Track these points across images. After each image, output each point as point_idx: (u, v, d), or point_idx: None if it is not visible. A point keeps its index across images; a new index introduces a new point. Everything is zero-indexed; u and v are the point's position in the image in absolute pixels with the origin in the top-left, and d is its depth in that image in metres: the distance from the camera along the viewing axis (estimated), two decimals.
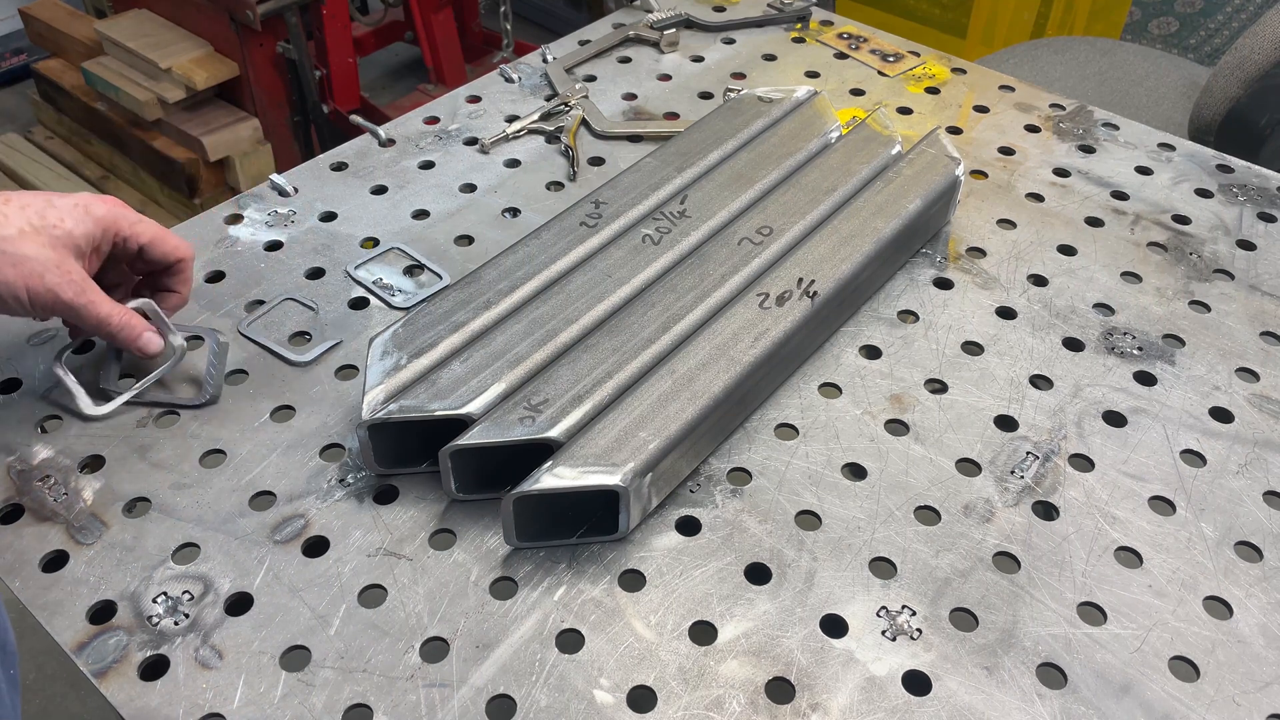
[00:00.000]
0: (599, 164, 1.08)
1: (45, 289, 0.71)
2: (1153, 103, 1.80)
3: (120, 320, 0.76)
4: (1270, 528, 0.74)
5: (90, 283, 0.74)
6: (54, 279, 0.71)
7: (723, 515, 0.75)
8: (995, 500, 0.76)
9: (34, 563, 0.71)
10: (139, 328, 0.78)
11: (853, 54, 1.26)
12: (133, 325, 0.77)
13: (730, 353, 0.77)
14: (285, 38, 2.36)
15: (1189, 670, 0.66)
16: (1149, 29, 2.97)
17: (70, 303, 0.72)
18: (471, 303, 0.82)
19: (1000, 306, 0.92)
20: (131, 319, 0.77)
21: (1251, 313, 0.92)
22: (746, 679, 0.65)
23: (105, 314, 0.75)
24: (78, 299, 0.73)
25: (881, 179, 0.93)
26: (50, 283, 0.71)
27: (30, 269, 0.70)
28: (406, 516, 0.74)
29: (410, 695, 0.64)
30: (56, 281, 0.71)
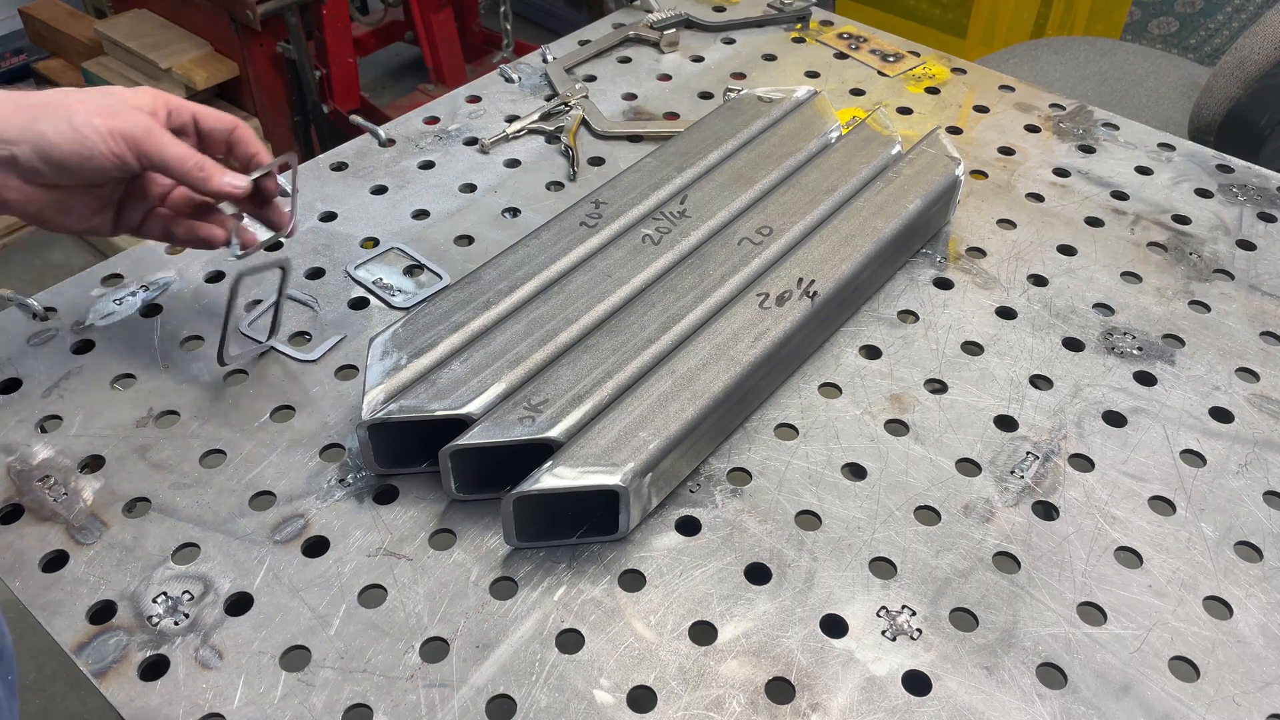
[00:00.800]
0: (599, 164, 1.08)
1: (123, 126, 0.72)
2: (1153, 103, 1.80)
3: (200, 161, 0.76)
4: (1270, 528, 0.74)
5: (158, 126, 0.74)
6: (128, 117, 0.72)
7: (723, 515, 0.74)
8: (995, 500, 0.76)
9: (34, 563, 0.71)
10: (215, 166, 0.77)
11: (853, 54, 1.26)
12: (204, 163, 0.76)
13: (730, 353, 0.77)
14: (285, 38, 2.36)
15: (1189, 670, 0.66)
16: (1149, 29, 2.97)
17: (144, 139, 0.73)
18: (471, 303, 0.82)
19: (1000, 306, 0.92)
20: (208, 160, 0.76)
21: (1251, 313, 0.92)
22: (746, 679, 0.65)
23: (183, 151, 0.75)
24: (151, 137, 0.73)
25: (881, 179, 0.93)
26: (125, 121, 0.72)
27: (104, 110, 0.71)
28: (406, 516, 0.74)
29: (410, 695, 0.64)
30: (130, 120, 0.72)
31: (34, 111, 0.70)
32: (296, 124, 2.54)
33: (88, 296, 0.91)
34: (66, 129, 0.71)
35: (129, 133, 0.72)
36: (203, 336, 0.88)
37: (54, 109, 0.71)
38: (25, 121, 0.70)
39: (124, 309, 0.90)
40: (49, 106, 0.71)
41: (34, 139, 0.70)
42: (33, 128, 0.70)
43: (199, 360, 0.85)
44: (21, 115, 0.70)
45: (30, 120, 0.70)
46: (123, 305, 0.90)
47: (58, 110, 0.71)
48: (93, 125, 0.71)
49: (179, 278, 0.93)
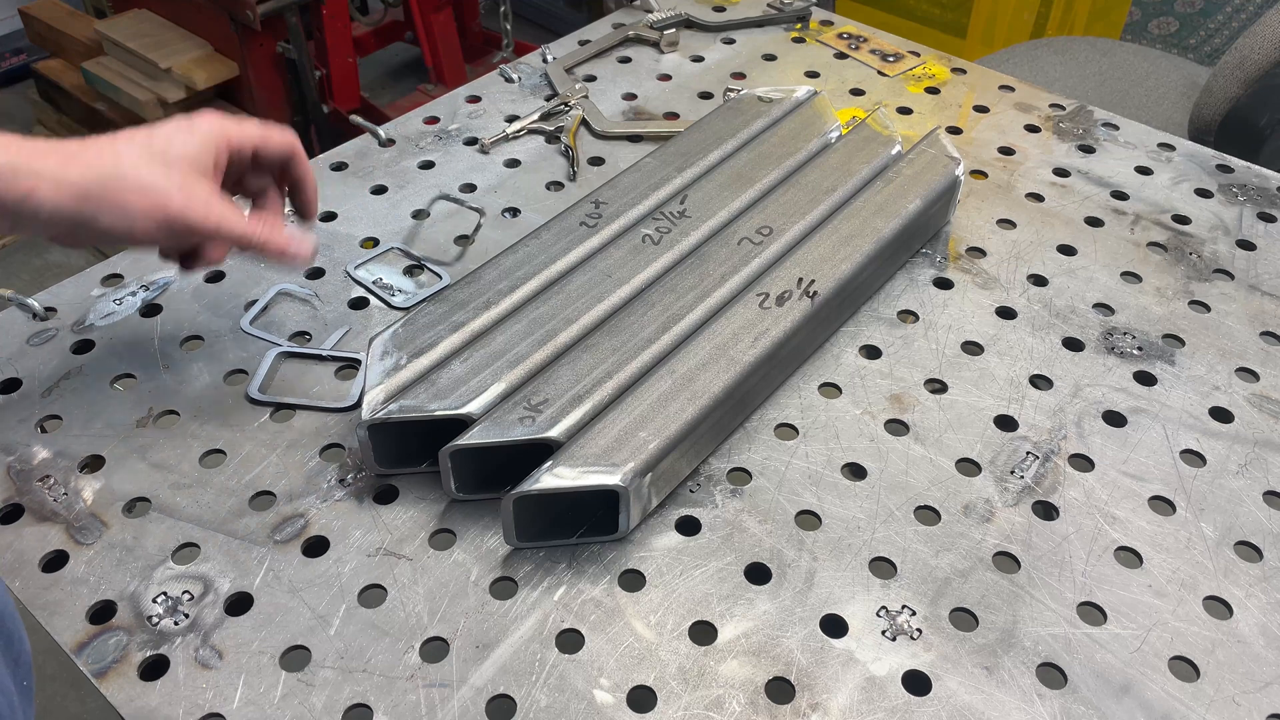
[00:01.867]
0: (599, 164, 1.08)
1: (175, 213, 0.69)
2: (1153, 103, 1.80)
3: (261, 232, 0.74)
4: (1270, 528, 0.74)
5: (218, 198, 0.71)
6: (180, 201, 0.69)
7: (723, 515, 0.74)
8: (995, 500, 0.76)
9: (34, 563, 0.71)
10: (281, 234, 0.75)
11: (853, 54, 1.26)
12: (275, 233, 0.75)
13: (730, 353, 0.77)
14: (285, 38, 2.36)
15: (1189, 670, 0.66)
16: (1149, 29, 2.97)
17: (200, 224, 0.70)
18: (471, 303, 0.82)
19: (1000, 306, 0.92)
20: (272, 227, 0.74)
21: (1251, 313, 0.92)
22: (746, 679, 0.65)
23: (243, 229, 0.73)
24: (208, 218, 0.70)
25: (881, 179, 0.93)
26: (178, 205, 0.69)
27: (156, 197, 0.68)
28: (406, 516, 0.74)
29: (410, 695, 0.64)
30: (183, 203, 0.69)
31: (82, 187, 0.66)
32: (296, 124, 2.54)
33: (88, 296, 0.91)
34: (112, 217, 0.68)
35: (175, 218, 0.69)
36: (203, 336, 0.88)
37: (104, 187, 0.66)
38: (73, 203, 0.66)
39: (124, 309, 0.90)
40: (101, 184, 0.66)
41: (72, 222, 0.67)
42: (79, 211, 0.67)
43: (199, 360, 0.85)
44: (65, 195, 0.66)
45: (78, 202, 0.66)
46: (123, 305, 0.90)
47: (106, 190, 0.67)
48: (146, 221, 0.68)
49: (179, 278, 0.93)
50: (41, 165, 0.65)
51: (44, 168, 0.65)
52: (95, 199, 0.66)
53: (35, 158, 0.65)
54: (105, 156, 0.67)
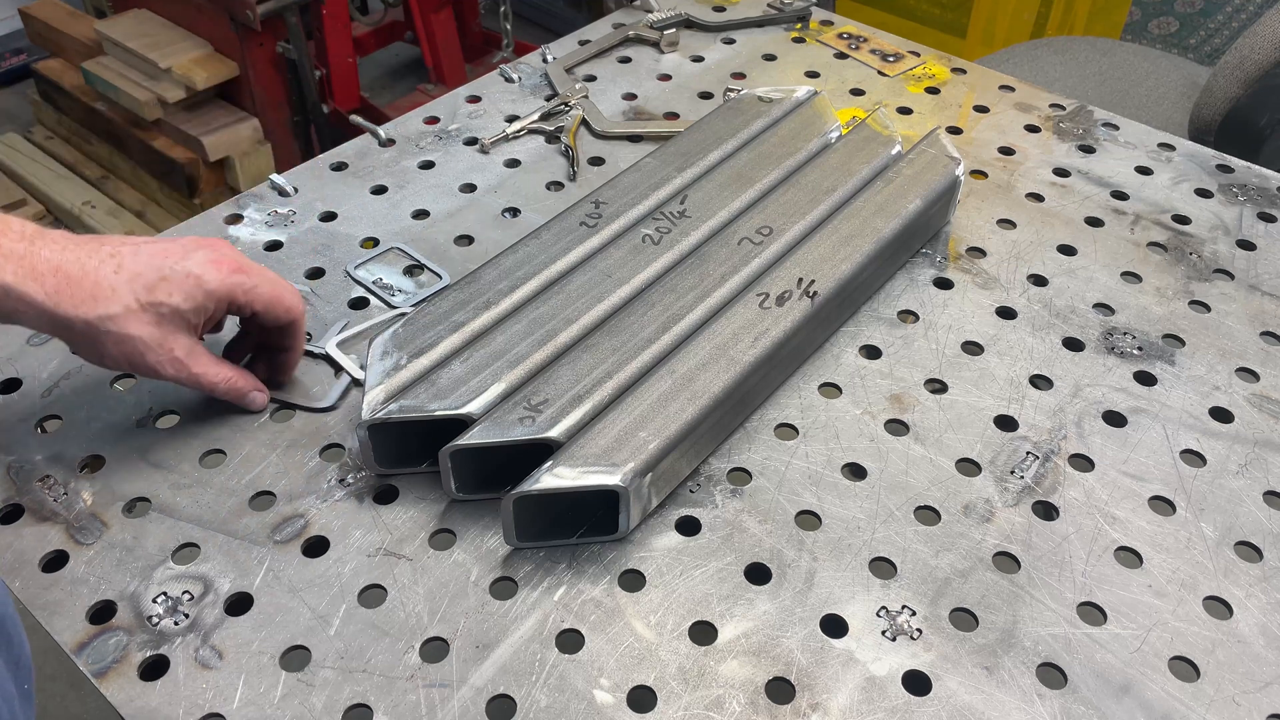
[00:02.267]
0: (599, 164, 1.08)
1: (146, 366, 0.73)
2: (1153, 103, 1.80)
3: (226, 385, 0.78)
4: (1270, 528, 0.74)
5: (194, 352, 0.75)
6: (154, 358, 0.72)
7: (723, 515, 0.74)
8: (995, 500, 0.76)
9: (34, 563, 0.71)
10: (245, 388, 0.79)
11: (853, 54, 1.26)
12: (238, 388, 0.79)
13: (730, 353, 0.77)
14: (285, 38, 2.36)
15: (1189, 670, 0.66)
16: (1149, 29, 2.97)
17: (171, 377, 0.75)
18: (471, 303, 0.82)
19: (1000, 306, 0.92)
20: (236, 382, 0.78)
21: (1251, 313, 0.92)
22: (746, 679, 0.65)
23: (210, 383, 0.77)
24: (178, 374, 0.75)
25: (881, 179, 0.93)
26: (151, 361, 0.73)
27: (132, 348, 0.71)
28: (406, 516, 0.74)
29: (410, 695, 0.64)
30: (156, 360, 0.73)
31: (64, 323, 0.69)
32: (296, 124, 2.54)
33: None
34: (85, 350, 0.72)
35: (146, 369, 0.73)
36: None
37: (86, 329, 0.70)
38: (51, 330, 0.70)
39: None
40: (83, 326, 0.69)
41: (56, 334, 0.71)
42: (56, 334, 0.71)
43: None
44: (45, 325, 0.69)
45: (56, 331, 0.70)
46: None
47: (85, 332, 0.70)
48: (118, 364, 0.73)
49: None
50: (31, 290, 0.67)
51: (33, 294, 0.67)
52: (75, 334, 0.70)
53: (30, 279, 0.67)
54: (101, 295, 0.69)
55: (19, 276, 0.67)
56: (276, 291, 0.77)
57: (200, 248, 0.74)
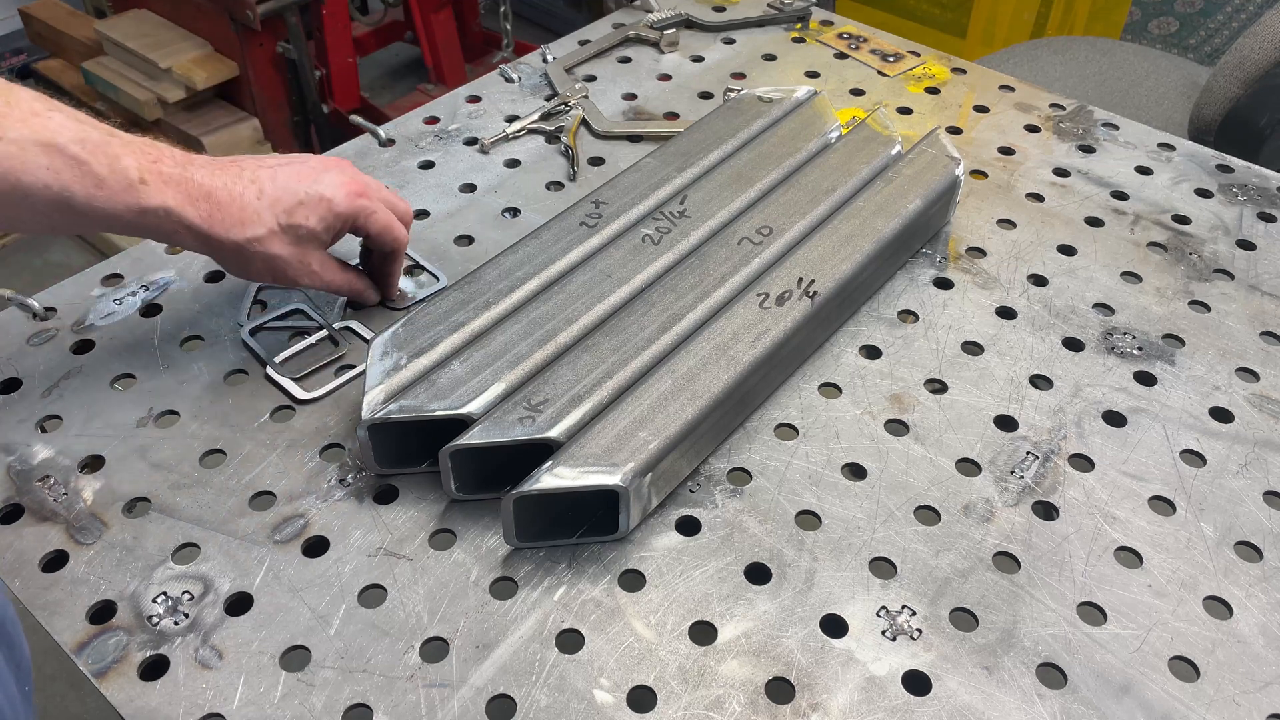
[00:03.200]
0: (599, 164, 1.08)
1: (288, 278, 0.82)
2: (1153, 103, 1.80)
3: (349, 286, 0.88)
4: (1270, 528, 0.74)
5: (326, 263, 0.84)
6: (293, 272, 0.82)
7: (723, 515, 0.74)
8: (995, 500, 0.76)
9: (34, 563, 0.71)
10: (361, 287, 0.89)
11: (853, 54, 1.26)
12: (356, 287, 0.89)
13: (730, 353, 0.77)
14: (285, 38, 2.36)
15: (1189, 670, 0.66)
16: (1149, 29, 2.97)
17: (306, 284, 0.84)
18: (471, 303, 0.82)
19: (1000, 306, 0.92)
20: (355, 283, 0.88)
21: (1251, 313, 0.92)
22: (746, 679, 0.65)
23: (337, 285, 0.86)
24: (312, 282, 0.84)
25: (881, 179, 0.93)
26: (291, 274, 0.82)
27: (276, 265, 0.80)
28: (406, 516, 0.74)
29: (410, 695, 0.64)
30: (295, 273, 0.82)
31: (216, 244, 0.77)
32: (296, 124, 2.54)
33: (88, 296, 0.91)
34: (234, 266, 0.81)
35: (287, 280, 0.82)
36: (202, 336, 0.88)
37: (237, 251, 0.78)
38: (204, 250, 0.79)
39: (124, 309, 0.90)
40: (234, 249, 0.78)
41: (208, 253, 0.79)
42: (207, 253, 0.79)
43: (199, 360, 0.85)
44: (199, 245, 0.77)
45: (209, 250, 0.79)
46: (123, 305, 0.90)
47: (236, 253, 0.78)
48: (264, 277, 0.82)
49: (179, 278, 0.93)
50: (190, 215, 0.75)
51: (191, 218, 0.75)
52: (226, 252, 0.79)
53: (188, 204, 0.75)
54: (248, 219, 0.77)
55: (179, 201, 0.74)
56: (389, 221, 0.86)
57: (329, 169, 0.83)
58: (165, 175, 0.73)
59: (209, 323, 0.89)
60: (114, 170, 0.70)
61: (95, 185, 0.70)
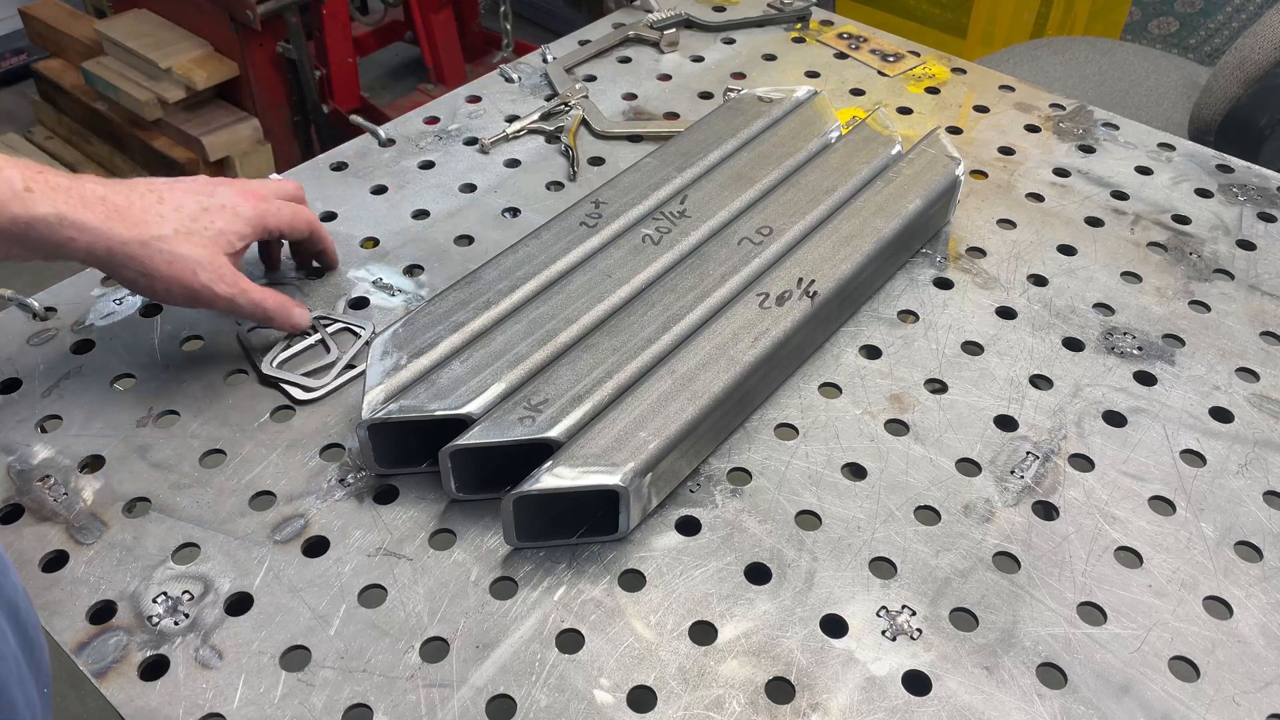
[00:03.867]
0: (599, 164, 1.08)
1: (200, 284, 0.77)
2: (1153, 103, 1.80)
3: (273, 303, 0.82)
4: (1270, 528, 0.74)
5: (239, 275, 0.79)
6: (206, 276, 0.76)
7: (723, 515, 0.74)
8: (995, 500, 0.76)
9: (34, 563, 0.71)
10: (290, 305, 0.84)
11: (853, 54, 1.26)
12: (285, 305, 0.83)
13: (730, 353, 0.77)
14: (285, 38, 2.36)
15: (1189, 670, 0.66)
16: (1149, 29, 2.96)
17: (223, 295, 0.78)
18: (471, 303, 0.82)
19: (1000, 306, 0.92)
20: (283, 300, 0.83)
21: (1251, 313, 0.92)
22: (746, 679, 0.65)
23: (258, 299, 0.80)
24: (230, 291, 0.78)
25: (881, 179, 0.93)
26: (203, 279, 0.76)
27: (184, 266, 0.75)
28: (406, 516, 0.74)
29: (410, 695, 0.64)
30: (209, 278, 0.77)
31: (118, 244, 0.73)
32: (296, 124, 2.54)
33: (88, 296, 0.91)
34: (137, 274, 0.76)
35: (197, 289, 0.77)
36: (202, 336, 0.88)
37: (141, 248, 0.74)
38: (106, 255, 0.74)
39: (124, 309, 0.90)
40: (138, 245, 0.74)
41: (104, 268, 0.76)
42: (109, 263, 0.75)
43: (199, 360, 0.85)
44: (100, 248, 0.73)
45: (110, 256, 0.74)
46: (123, 305, 0.90)
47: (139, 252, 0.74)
48: (169, 285, 0.76)
49: None
50: (85, 217, 0.71)
51: (87, 220, 0.71)
52: (128, 258, 0.74)
53: (81, 207, 0.71)
54: (150, 220, 0.74)
55: (71, 206, 0.71)
56: (293, 210, 0.84)
57: (220, 184, 0.80)
58: (53, 184, 0.71)
59: (209, 323, 0.89)
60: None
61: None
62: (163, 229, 0.74)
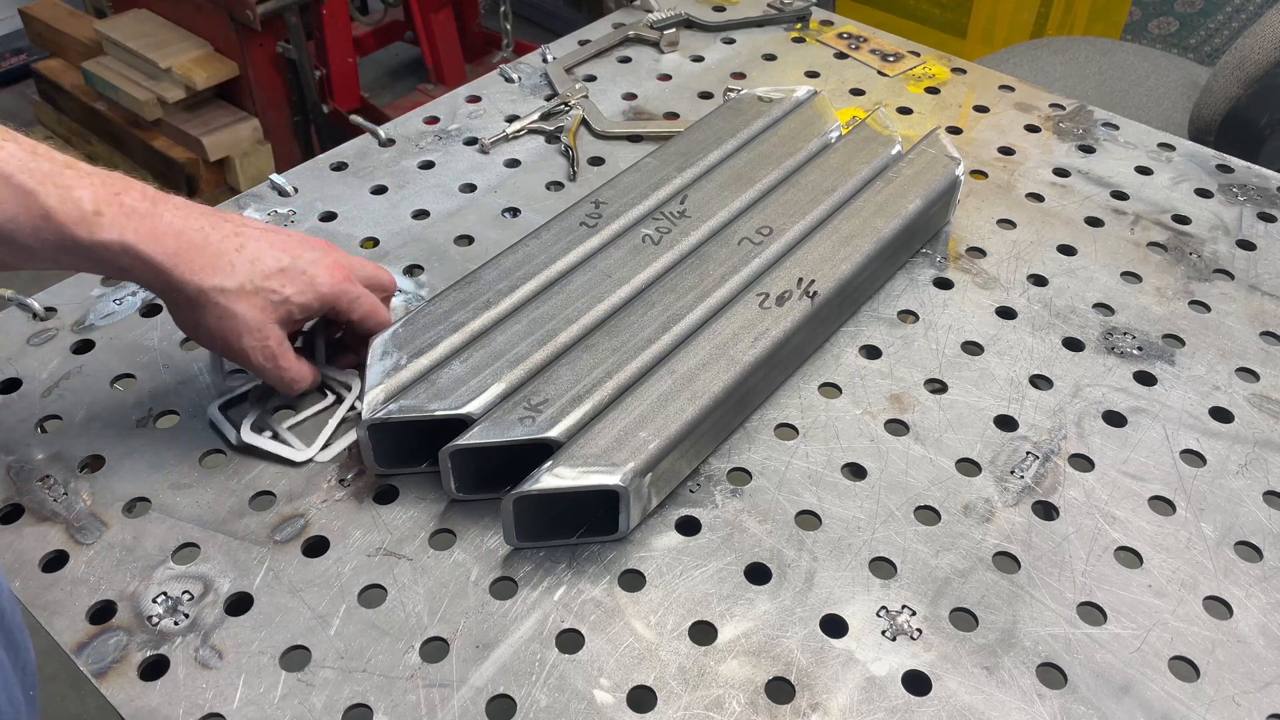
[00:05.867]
0: (599, 164, 1.08)
1: (239, 348, 0.73)
2: (1153, 103, 1.80)
3: (303, 384, 0.78)
4: (1270, 528, 0.74)
5: (284, 346, 0.75)
6: (249, 342, 0.73)
7: (723, 515, 0.74)
8: (995, 500, 0.76)
9: (34, 563, 0.71)
10: (314, 386, 0.80)
11: (853, 54, 1.26)
12: (301, 388, 0.78)
13: (730, 353, 0.77)
14: (285, 38, 2.36)
15: (1189, 670, 0.66)
16: (1149, 29, 2.96)
17: (256, 365, 0.75)
18: (471, 303, 0.82)
19: (1000, 306, 0.92)
20: (311, 380, 0.79)
21: (1251, 313, 0.92)
22: (746, 679, 0.65)
23: (292, 378, 0.76)
24: (264, 363, 0.74)
25: (881, 179, 0.93)
26: (245, 345, 0.73)
27: (232, 326, 0.72)
28: (406, 516, 0.74)
29: (410, 695, 0.64)
30: (251, 345, 0.73)
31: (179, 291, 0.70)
32: (296, 124, 2.54)
33: (88, 296, 0.91)
34: (184, 319, 0.73)
35: (233, 353, 0.74)
36: None
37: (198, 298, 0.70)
38: (162, 291, 0.71)
39: (124, 309, 0.90)
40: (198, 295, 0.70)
41: (161, 294, 0.72)
42: (163, 295, 0.71)
43: (199, 360, 0.85)
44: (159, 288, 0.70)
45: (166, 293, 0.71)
46: (123, 305, 0.90)
47: (195, 301, 0.70)
48: (212, 338, 0.73)
49: None
50: (151, 250, 0.68)
51: (152, 254, 0.68)
52: (183, 299, 0.71)
53: (151, 239, 0.68)
54: (220, 267, 0.70)
55: (140, 236, 0.67)
56: (373, 307, 0.79)
57: (313, 246, 0.76)
58: (128, 208, 0.67)
59: None
60: (64, 200, 0.65)
61: (42, 217, 0.64)
62: (228, 282, 0.70)
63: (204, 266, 0.69)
